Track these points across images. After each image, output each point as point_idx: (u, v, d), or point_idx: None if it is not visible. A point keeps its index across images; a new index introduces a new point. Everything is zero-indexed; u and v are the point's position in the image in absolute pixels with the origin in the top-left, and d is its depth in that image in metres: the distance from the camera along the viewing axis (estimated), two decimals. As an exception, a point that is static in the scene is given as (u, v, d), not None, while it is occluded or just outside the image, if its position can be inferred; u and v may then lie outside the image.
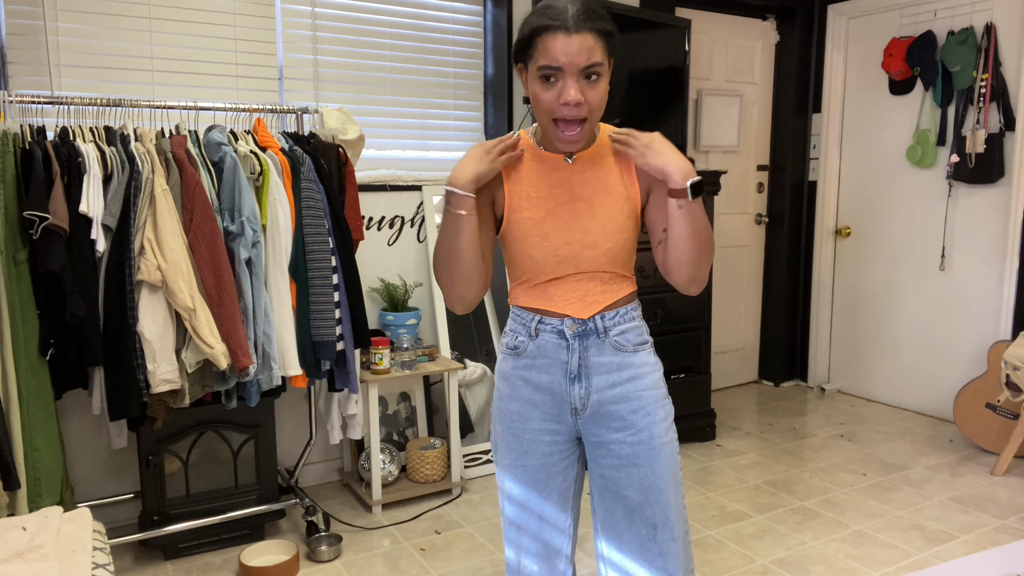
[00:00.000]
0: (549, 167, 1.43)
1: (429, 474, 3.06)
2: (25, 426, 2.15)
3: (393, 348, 3.04)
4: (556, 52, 1.27)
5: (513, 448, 1.50)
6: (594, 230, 1.42)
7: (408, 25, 3.30)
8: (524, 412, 1.49)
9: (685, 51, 3.66)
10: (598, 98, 1.32)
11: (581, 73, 1.29)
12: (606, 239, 1.42)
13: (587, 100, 1.31)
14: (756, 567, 2.53)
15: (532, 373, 1.48)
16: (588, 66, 1.28)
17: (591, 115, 1.33)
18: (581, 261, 1.43)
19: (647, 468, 1.45)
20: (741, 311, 4.68)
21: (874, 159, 4.31)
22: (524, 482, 1.51)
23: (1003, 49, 3.66)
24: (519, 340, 1.49)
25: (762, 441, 3.76)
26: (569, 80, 1.29)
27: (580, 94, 1.29)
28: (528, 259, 1.44)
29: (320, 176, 2.57)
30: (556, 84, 1.30)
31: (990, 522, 2.84)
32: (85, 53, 2.66)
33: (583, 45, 1.27)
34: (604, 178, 1.43)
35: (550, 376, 1.47)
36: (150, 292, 2.20)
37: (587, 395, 1.46)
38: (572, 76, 1.29)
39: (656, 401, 1.48)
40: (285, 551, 2.54)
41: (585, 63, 1.28)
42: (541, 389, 1.48)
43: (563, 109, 1.30)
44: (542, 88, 1.31)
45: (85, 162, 2.19)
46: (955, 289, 3.96)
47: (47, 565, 1.59)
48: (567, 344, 1.45)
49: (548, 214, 1.42)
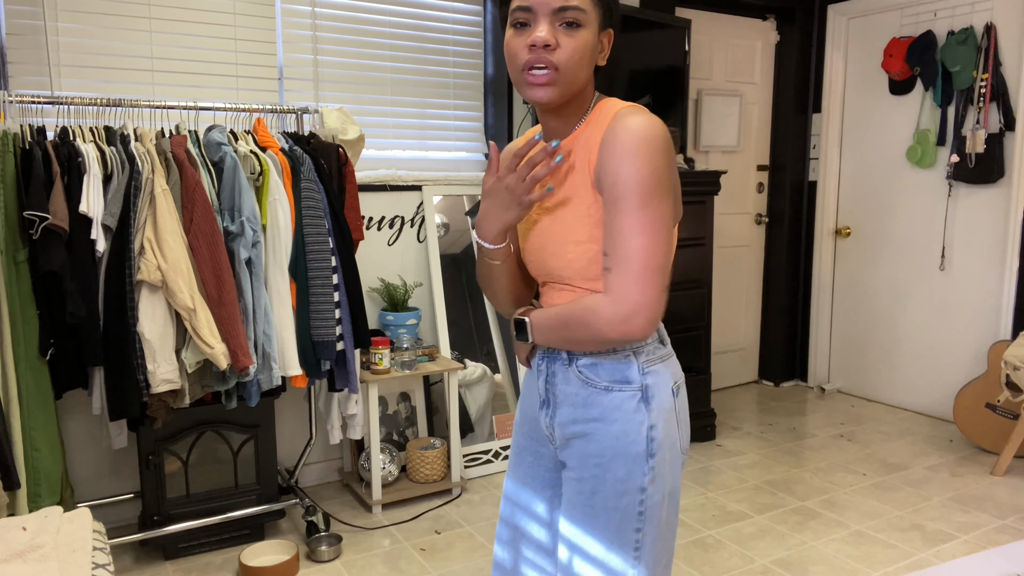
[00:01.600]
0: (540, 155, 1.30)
1: (429, 474, 3.06)
2: (25, 426, 2.15)
3: (393, 348, 3.04)
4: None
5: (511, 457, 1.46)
6: (554, 236, 1.23)
7: (408, 25, 3.30)
8: (517, 426, 1.44)
9: (685, 51, 3.66)
10: (574, 48, 1.13)
11: (556, 16, 1.13)
12: (566, 249, 1.22)
13: (560, 46, 1.13)
14: (756, 567, 2.53)
15: (526, 391, 1.42)
16: (564, 8, 1.12)
17: (563, 66, 1.14)
18: (551, 271, 1.27)
19: (581, 517, 1.25)
20: (741, 311, 4.68)
21: (874, 159, 4.31)
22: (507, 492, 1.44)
23: (1003, 49, 3.66)
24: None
25: (762, 441, 3.76)
26: (541, 21, 1.13)
27: (551, 36, 1.12)
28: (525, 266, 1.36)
29: (320, 176, 2.57)
30: (528, 29, 1.14)
31: (990, 522, 2.84)
32: (85, 53, 2.66)
33: None
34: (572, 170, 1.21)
35: (533, 397, 1.38)
36: (150, 292, 2.20)
37: (551, 424, 1.31)
38: (545, 17, 1.13)
39: (617, 457, 1.21)
40: (285, 551, 2.54)
41: (561, 2, 1.12)
42: (528, 406, 1.41)
43: (530, 54, 1.14)
44: (514, 34, 1.16)
45: (85, 162, 2.19)
46: (955, 289, 3.96)
47: (47, 565, 1.59)
48: (537, 365, 1.34)
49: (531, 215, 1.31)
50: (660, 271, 1.13)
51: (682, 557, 2.60)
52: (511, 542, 1.44)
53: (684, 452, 1.30)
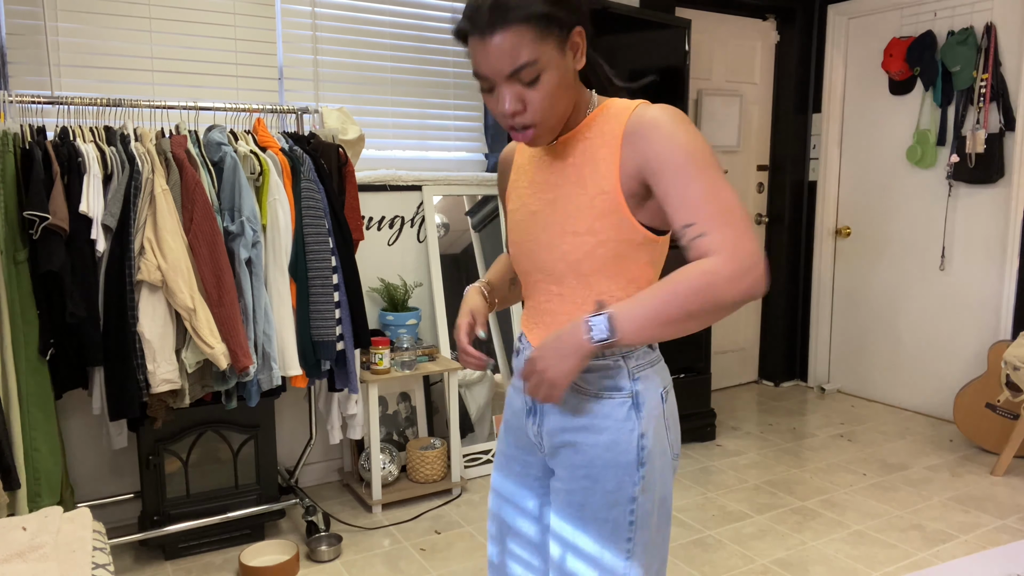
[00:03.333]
0: (538, 156, 1.27)
1: (429, 474, 3.06)
2: (25, 426, 2.15)
3: (393, 348, 3.04)
4: (477, 60, 1.10)
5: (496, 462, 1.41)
6: (550, 228, 1.21)
7: (408, 25, 3.30)
8: (502, 433, 1.40)
9: (685, 51, 3.66)
10: (540, 99, 1.11)
11: (511, 79, 1.10)
12: (562, 240, 1.19)
13: (528, 105, 1.12)
14: (756, 567, 2.53)
15: (511, 397, 1.37)
16: (515, 70, 1.09)
17: (539, 119, 1.13)
18: (541, 266, 1.24)
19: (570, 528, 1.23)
20: (741, 311, 4.68)
21: (874, 159, 4.31)
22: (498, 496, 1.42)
23: (1003, 49, 3.66)
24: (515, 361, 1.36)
25: (762, 441, 3.76)
26: (502, 89, 1.11)
27: (517, 102, 1.11)
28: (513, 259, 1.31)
29: (320, 176, 2.57)
30: (493, 93, 1.14)
31: (990, 522, 2.84)
32: (85, 53, 2.66)
33: (501, 48, 1.07)
34: (580, 164, 1.19)
35: (520, 403, 1.33)
36: (150, 292, 2.20)
37: (539, 432, 1.28)
38: (503, 84, 1.11)
39: (607, 468, 1.18)
40: (285, 551, 2.54)
41: (509, 68, 1.08)
42: (515, 414, 1.35)
43: (507, 120, 1.14)
44: (487, 97, 1.15)
45: (85, 162, 2.19)
46: (955, 289, 3.96)
47: (47, 565, 1.59)
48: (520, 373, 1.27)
49: (522, 207, 1.27)
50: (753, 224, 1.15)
51: (682, 557, 2.60)
52: (500, 539, 1.43)
53: (675, 456, 1.27)
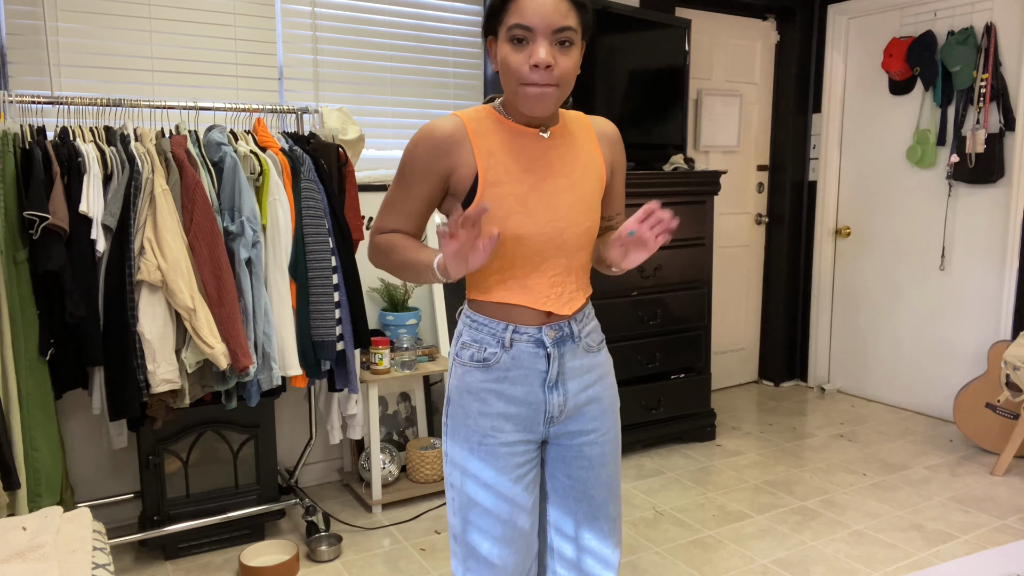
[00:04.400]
0: (524, 140, 1.35)
1: (429, 474, 3.06)
2: (25, 426, 2.15)
3: (393, 348, 3.04)
4: (529, 11, 1.22)
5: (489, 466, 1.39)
6: (576, 207, 1.37)
7: (408, 25, 3.30)
8: (498, 426, 1.39)
9: (685, 51, 3.66)
10: (570, 67, 1.26)
11: (554, 36, 1.23)
12: (585, 217, 1.38)
13: (557, 66, 1.24)
14: (756, 567, 2.53)
15: (505, 386, 1.39)
16: (561, 28, 1.23)
17: (561, 83, 1.27)
18: (564, 241, 1.36)
19: (612, 467, 1.47)
20: (741, 311, 4.68)
21: (874, 159, 4.31)
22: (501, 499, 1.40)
23: (1003, 49, 3.66)
24: (489, 352, 1.38)
25: (762, 441, 3.76)
26: (541, 41, 1.23)
27: (551, 57, 1.23)
28: (511, 239, 1.33)
29: (320, 176, 2.57)
30: (526, 47, 1.24)
31: (990, 522, 2.84)
32: (85, 53, 2.66)
33: (557, 7, 1.22)
34: (579, 154, 1.39)
35: (526, 387, 1.39)
36: (150, 292, 2.20)
37: (564, 402, 1.41)
38: (544, 37, 1.23)
39: (615, 399, 1.50)
40: (285, 551, 2.54)
41: (559, 24, 1.22)
42: (516, 401, 1.39)
43: (532, 73, 1.24)
44: (512, 50, 1.25)
45: (85, 162, 2.19)
46: (955, 289, 3.96)
47: (47, 565, 1.59)
48: (545, 352, 1.38)
49: (531, 189, 1.34)
50: None
51: (682, 557, 2.60)
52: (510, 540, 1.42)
53: None
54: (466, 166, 1.33)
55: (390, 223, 1.40)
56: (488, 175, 1.32)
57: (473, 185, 1.33)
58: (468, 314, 1.43)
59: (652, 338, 3.53)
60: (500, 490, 1.41)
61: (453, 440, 1.43)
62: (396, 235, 1.39)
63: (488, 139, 1.34)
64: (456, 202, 1.37)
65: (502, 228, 1.32)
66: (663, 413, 3.60)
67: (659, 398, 3.57)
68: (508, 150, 1.34)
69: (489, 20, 1.29)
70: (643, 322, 3.48)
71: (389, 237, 1.40)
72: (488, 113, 1.38)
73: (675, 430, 3.65)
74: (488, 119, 1.37)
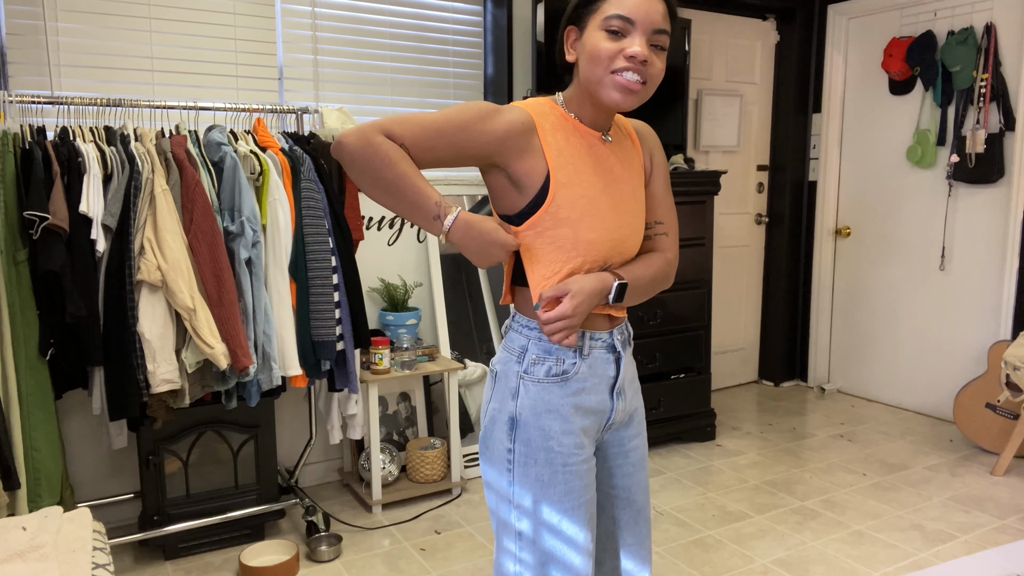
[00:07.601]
0: (588, 142, 1.31)
1: (429, 474, 3.06)
2: (25, 426, 2.15)
3: (393, 348, 3.04)
4: (632, 4, 1.20)
5: (573, 489, 1.28)
6: (638, 214, 1.36)
7: (408, 25, 3.30)
8: (580, 442, 1.30)
9: (685, 51, 3.66)
10: (660, 70, 1.25)
11: (651, 36, 1.22)
12: (642, 224, 1.37)
13: (649, 66, 1.23)
14: (756, 567, 2.53)
15: (584, 397, 1.31)
16: (660, 30, 1.22)
17: (649, 82, 1.24)
18: (626, 247, 1.33)
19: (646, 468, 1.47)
20: (741, 311, 4.68)
21: (874, 159, 4.31)
22: (583, 523, 1.30)
23: (1003, 49, 3.66)
24: (568, 364, 1.29)
25: (762, 441, 3.76)
26: (639, 36, 1.21)
27: (648, 53, 1.22)
28: (582, 243, 1.26)
29: (320, 176, 2.57)
30: (622, 39, 1.22)
31: (990, 522, 2.84)
32: (85, 53, 2.66)
33: (659, 8, 1.22)
34: (632, 162, 1.37)
35: (599, 396, 1.33)
36: (150, 292, 2.20)
37: (624, 407, 1.39)
38: (643, 34, 1.21)
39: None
40: (285, 551, 2.54)
41: (659, 25, 1.22)
42: (590, 413, 1.33)
43: (628, 63, 1.21)
44: (606, 38, 1.22)
45: (85, 162, 2.19)
46: (955, 289, 3.96)
47: (47, 565, 1.59)
48: (615, 357, 1.35)
49: (600, 193, 1.29)
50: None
51: (682, 557, 2.60)
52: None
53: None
54: (534, 160, 1.25)
55: (405, 135, 1.18)
56: (559, 174, 1.25)
57: (544, 183, 1.24)
58: (530, 324, 1.31)
59: (652, 338, 3.53)
60: (581, 514, 1.31)
61: (524, 471, 1.28)
62: (404, 152, 1.19)
63: (555, 136, 1.28)
64: (522, 198, 1.26)
65: (575, 231, 1.26)
66: (663, 413, 3.60)
67: (659, 398, 3.57)
68: (575, 150, 1.29)
69: (579, 8, 1.25)
70: (643, 322, 3.48)
71: (397, 148, 1.17)
72: (551, 108, 1.31)
73: (675, 430, 3.65)
74: (552, 114, 1.30)
